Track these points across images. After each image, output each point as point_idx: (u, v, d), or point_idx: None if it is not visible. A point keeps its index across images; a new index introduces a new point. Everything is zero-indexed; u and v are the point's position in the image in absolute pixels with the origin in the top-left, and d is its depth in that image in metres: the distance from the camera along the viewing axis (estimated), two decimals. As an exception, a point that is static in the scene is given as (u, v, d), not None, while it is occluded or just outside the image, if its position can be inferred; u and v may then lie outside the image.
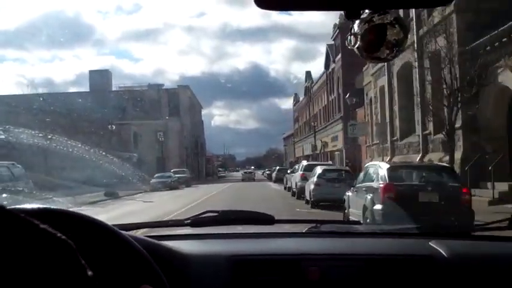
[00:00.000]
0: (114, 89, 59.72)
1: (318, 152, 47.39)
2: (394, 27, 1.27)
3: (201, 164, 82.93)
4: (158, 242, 1.53)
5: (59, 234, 0.62)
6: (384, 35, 1.27)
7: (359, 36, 1.26)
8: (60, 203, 10.07)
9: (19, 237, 0.59)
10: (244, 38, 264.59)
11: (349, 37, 1.28)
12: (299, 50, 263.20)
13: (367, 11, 1.24)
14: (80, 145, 12.47)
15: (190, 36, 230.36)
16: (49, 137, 14.72)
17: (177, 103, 62.88)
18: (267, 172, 69.27)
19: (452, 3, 11.84)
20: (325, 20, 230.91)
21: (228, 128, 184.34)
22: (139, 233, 1.64)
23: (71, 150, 11.99)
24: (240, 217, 1.96)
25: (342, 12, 1.13)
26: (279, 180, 40.86)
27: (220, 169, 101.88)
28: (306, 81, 61.77)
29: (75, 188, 17.44)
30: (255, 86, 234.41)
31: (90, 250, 0.75)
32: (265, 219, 1.91)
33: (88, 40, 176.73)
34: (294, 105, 77.78)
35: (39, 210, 0.93)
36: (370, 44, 1.28)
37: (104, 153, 13.80)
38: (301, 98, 71.10)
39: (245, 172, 64.31)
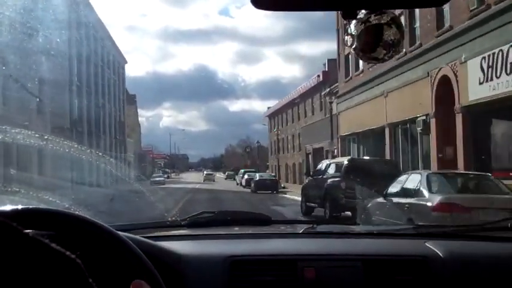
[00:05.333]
0: None
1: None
2: (390, 28, 1.30)
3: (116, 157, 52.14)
4: (154, 242, 1.61)
5: (67, 253, 0.65)
6: (381, 35, 1.30)
7: (355, 37, 1.30)
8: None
9: (27, 257, 0.61)
10: (188, 39, 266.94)
11: (345, 37, 1.31)
12: (244, 53, 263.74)
13: (363, 11, 1.27)
14: None
15: (132, 36, 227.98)
16: None
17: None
18: (260, 178, 38.12)
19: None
20: (268, 24, 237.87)
21: (177, 130, 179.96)
22: (136, 234, 1.69)
23: None
24: (236, 218, 2.05)
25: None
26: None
27: (166, 170, 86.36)
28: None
29: None
30: (202, 87, 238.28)
31: (85, 250, 0.80)
32: (262, 219, 2.00)
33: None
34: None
35: (33, 210, 0.97)
36: (366, 45, 1.31)
37: None
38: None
39: (207, 174, 71.03)
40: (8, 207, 0.95)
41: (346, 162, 15.77)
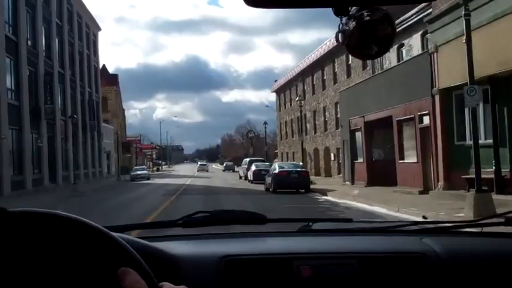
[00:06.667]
0: None
1: None
2: (383, 24, 1.29)
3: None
4: (149, 243, 1.61)
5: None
6: (373, 31, 1.28)
7: (348, 33, 1.29)
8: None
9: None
10: (178, 30, 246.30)
11: (338, 34, 1.31)
12: (235, 43, 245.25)
13: (355, 7, 1.27)
14: None
15: (123, 27, 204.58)
16: None
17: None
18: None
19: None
20: (258, 14, 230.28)
21: (171, 121, 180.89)
22: (131, 234, 1.70)
23: None
24: (232, 217, 2.01)
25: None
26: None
27: (158, 161, 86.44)
28: None
29: None
30: (195, 78, 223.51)
31: (79, 250, 0.88)
32: (257, 218, 1.98)
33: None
34: None
35: (28, 212, 1.00)
36: (359, 41, 1.29)
37: None
38: None
39: (201, 164, 78.18)
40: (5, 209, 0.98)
41: None
